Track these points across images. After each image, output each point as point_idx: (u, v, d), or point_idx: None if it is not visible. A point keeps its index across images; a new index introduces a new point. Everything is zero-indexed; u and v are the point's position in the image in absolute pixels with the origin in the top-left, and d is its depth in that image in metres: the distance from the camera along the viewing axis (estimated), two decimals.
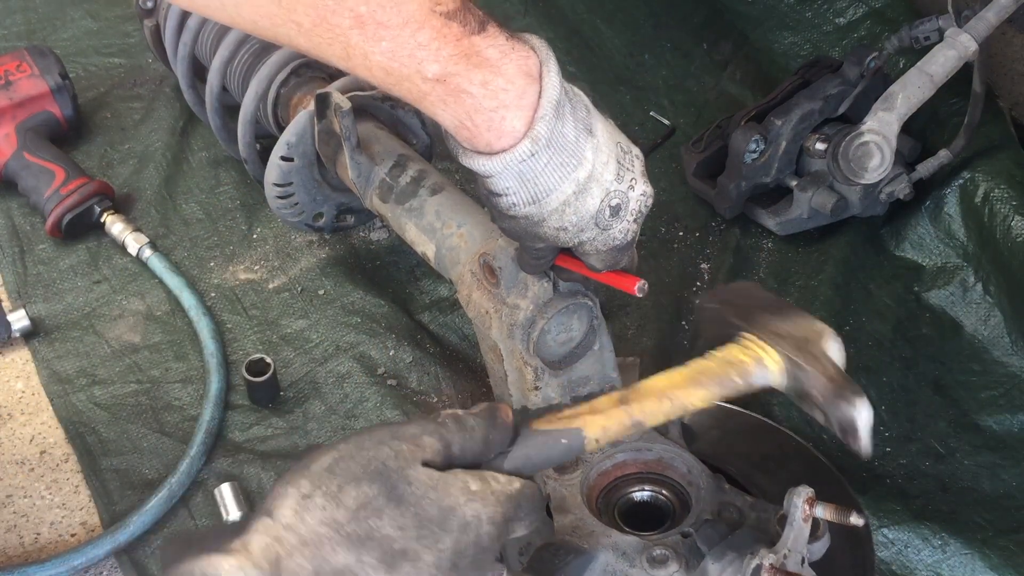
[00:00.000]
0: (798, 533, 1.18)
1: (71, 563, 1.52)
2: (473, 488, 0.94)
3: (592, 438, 1.04)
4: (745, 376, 1.09)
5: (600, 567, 1.26)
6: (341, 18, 1.00)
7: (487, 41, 1.05)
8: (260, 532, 0.90)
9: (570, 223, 1.16)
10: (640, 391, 1.08)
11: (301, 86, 1.84)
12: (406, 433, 0.95)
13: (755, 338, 1.11)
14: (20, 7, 2.49)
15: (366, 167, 1.62)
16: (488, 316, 1.38)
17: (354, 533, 0.89)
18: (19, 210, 2.05)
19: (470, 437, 0.98)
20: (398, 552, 0.90)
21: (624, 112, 2.22)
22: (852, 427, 1.04)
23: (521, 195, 1.12)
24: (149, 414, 1.72)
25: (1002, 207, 1.81)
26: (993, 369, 1.75)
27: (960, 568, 1.48)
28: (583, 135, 1.12)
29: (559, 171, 1.11)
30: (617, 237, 1.20)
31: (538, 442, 1.02)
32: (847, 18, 2.16)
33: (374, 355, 1.77)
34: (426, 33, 1.02)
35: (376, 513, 0.91)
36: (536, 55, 1.08)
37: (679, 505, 1.35)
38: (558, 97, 1.08)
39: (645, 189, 1.20)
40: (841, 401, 1.03)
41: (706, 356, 1.12)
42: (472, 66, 1.04)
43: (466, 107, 1.06)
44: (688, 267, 1.93)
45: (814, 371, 1.07)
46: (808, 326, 1.12)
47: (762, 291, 1.18)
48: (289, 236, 1.99)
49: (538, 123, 1.07)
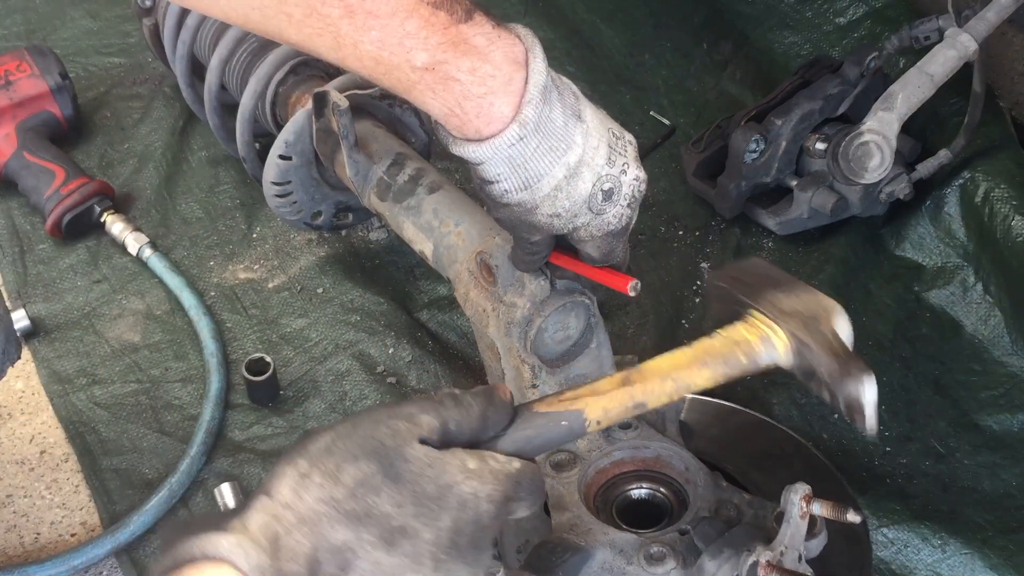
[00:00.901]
0: (795, 530, 1.18)
1: (71, 563, 1.52)
2: (471, 466, 0.94)
3: (593, 420, 1.03)
4: (751, 355, 1.07)
5: (597, 564, 1.26)
6: (331, 8, 1.02)
7: (474, 29, 1.06)
8: (258, 510, 0.90)
9: (563, 208, 1.17)
10: (643, 372, 1.07)
11: (299, 84, 1.84)
12: (403, 412, 0.95)
13: (762, 316, 1.08)
14: (20, 7, 2.50)
15: (364, 165, 1.62)
16: (485, 314, 1.38)
17: (352, 510, 0.89)
18: (19, 210, 2.06)
19: (467, 414, 0.97)
20: (396, 529, 0.90)
21: (624, 112, 2.22)
22: (858, 404, 1.01)
23: (512, 181, 1.13)
24: (149, 414, 1.73)
25: (1002, 207, 1.81)
26: (993, 369, 1.74)
27: (960, 568, 1.48)
28: (572, 120, 1.14)
29: (549, 155, 1.12)
30: (611, 222, 1.21)
31: (538, 423, 1.01)
32: (847, 18, 2.16)
33: (373, 353, 1.77)
34: (414, 22, 1.04)
35: (374, 490, 0.90)
36: (522, 42, 1.10)
37: (676, 503, 1.35)
38: (544, 82, 1.09)
39: (638, 174, 1.21)
40: (847, 378, 1.01)
41: (712, 335, 1.09)
42: (460, 54, 1.06)
43: (455, 94, 1.08)
44: (688, 266, 1.93)
45: (820, 349, 1.04)
46: (816, 302, 1.09)
47: (772, 267, 1.16)
48: (288, 235, 1.99)
49: (525, 107, 1.09)
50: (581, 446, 1.41)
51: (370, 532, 0.89)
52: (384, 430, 0.93)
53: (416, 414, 0.95)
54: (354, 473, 0.90)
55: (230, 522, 0.89)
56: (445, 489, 0.92)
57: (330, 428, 0.95)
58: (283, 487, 0.91)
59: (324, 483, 0.90)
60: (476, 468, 0.94)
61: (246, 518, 0.89)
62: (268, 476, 0.93)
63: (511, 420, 1.01)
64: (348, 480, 0.90)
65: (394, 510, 0.90)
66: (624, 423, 1.41)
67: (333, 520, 0.89)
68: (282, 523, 0.89)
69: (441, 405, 0.97)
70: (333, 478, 0.90)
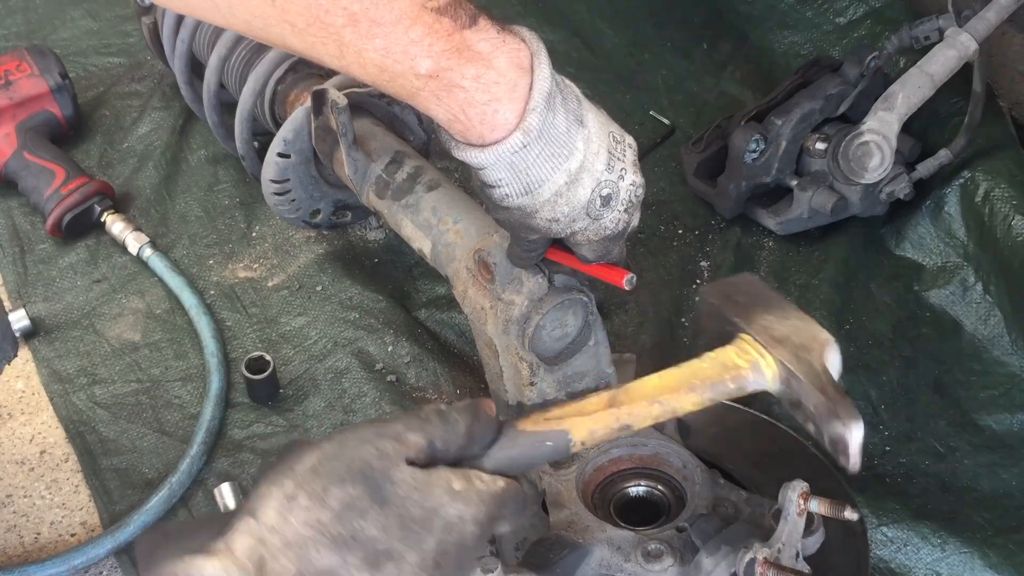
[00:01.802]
0: (792, 527, 1.18)
1: (71, 563, 1.52)
2: (456, 487, 0.94)
3: (578, 441, 1.03)
4: (739, 381, 1.07)
5: (595, 562, 1.26)
6: (335, 17, 1.01)
7: (478, 35, 1.06)
8: (244, 533, 0.89)
9: (562, 214, 1.17)
10: (631, 393, 1.07)
11: (298, 83, 1.84)
12: (390, 431, 0.95)
13: (752, 340, 1.09)
14: (20, 7, 2.50)
15: (363, 163, 1.62)
16: (483, 312, 1.38)
17: (339, 534, 0.89)
18: (19, 210, 2.06)
19: (453, 432, 0.97)
20: (382, 552, 0.90)
21: (624, 112, 2.22)
22: (843, 445, 1.01)
23: (513, 186, 1.13)
24: (149, 413, 1.73)
25: (1002, 207, 1.81)
26: (993, 369, 1.74)
27: (959, 567, 1.48)
28: (574, 126, 1.13)
29: (551, 162, 1.12)
30: (608, 227, 1.21)
31: (522, 443, 1.02)
32: (847, 18, 2.16)
33: (372, 351, 1.77)
34: (418, 29, 1.03)
35: (360, 514, 0.90)
36: (527, 47, 1.09)
37: (674, 500, 1.35)
38: (549, 89, 1.09)
39: (635, 179, 1.21)
40: (834, 419, 1.02)
41: (701, 357, 1.10)
42: (464, 60, 1.05)
43: (459, 101, 1.07)
44: (688, 265, 1.93)
45: (809, 384, 1.04)
46: (809, 332, 1.09)
47: (764, 287, 1.17)
48: (287, 233, 1.99)
49: (529, 115, 1.08)
50: None
51: (355, 556, 0.89)
52: (371, 450, 0.93)
53: (403, 433, 0.95)
54: (341, 496, 0.90)
55: (215, 544, 0.89)
56: (431, 512, 0.92)
57: (316, 445, 0.95)
58: (269, 509, 0.90)
59: (311, 506, 0.90)
60: (462, 490, 0.94)
61: (231, 540, 0.89)
62: (254, 495, 0.92)
63: (496, 436, 1.01)
64: (335, 503, 0.90)
65: (380, 534, 0.90)
66: None
67: (319, 544, 0.89)
68: (268, 547, 0.88)
69: (427, 422, 0.97)
70: (320, 501, 0.90)
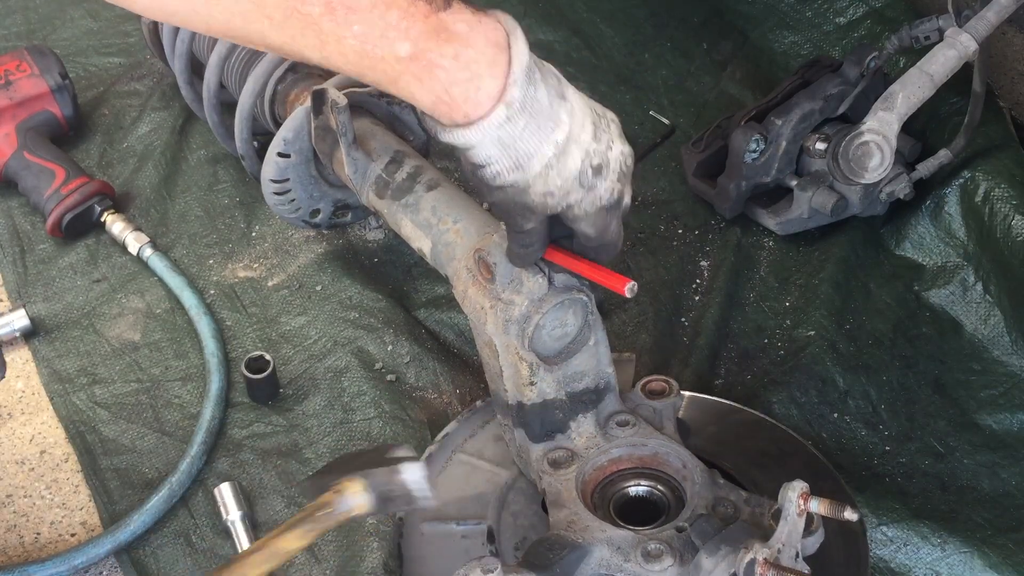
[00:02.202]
0: (792, 527, 1.18)
1: (71, 562, 1.52)
2: None
3: None
4: (330, 508, 1.20)
5: (595, 561, 1.26)
6: (311, 7, 1.05)
7: (454, 16, 1.10)
8: None
9: (555, 186, 1.19)
10: (240, 554, 1.23)
11: (298, 82, 1.84)
12: None
13: (342, 480, 1.23)
14: (20, 7, 2.50)
15: (362, 163, 1.62)
16: (483, 312, 1.38)
17: None
18: (19, 210, 2.05)
19: None
20: None
21: (624, 112, 2.21)
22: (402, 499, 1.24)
23: (504, 162, 1.16)
24: (149, 413, 1.72)
25: (1002, 207, 1.81)
26: (993, 369, 1.75)
27: (959, 566, 1.48)
28: (556, 100, 1.16)
29: (537, 134, 1.15)
30: (604, 196, 1.23)
31: None
32: (847, 18, 2.16)
33: (372, 350, 1.77)
34: (394, 13, 1.06)
35: None
36: (503, 26, 1.13)
37: (674, 500, 1.35)
38: (527, 63, 1.12)
39: (623, 148, 1.24)
40: None
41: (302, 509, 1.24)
42: (443, 41, 1.08)
43: (441, 81, 1.10)
44: (687, 265, 1.93)
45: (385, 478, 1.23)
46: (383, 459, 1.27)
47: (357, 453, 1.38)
48: (287, 233, 1.99)
49: (511, 88, 1.11)
50: (579, 443, 1.41)
51: None
52: None
53: None
54: None
55: None
56: None
57: None
58: None
59: None
60: None
61: None
62: None
63: None
64: None
65: None
66: (622, 420, 1.42)
67: None
68: None
69: None
70: None
